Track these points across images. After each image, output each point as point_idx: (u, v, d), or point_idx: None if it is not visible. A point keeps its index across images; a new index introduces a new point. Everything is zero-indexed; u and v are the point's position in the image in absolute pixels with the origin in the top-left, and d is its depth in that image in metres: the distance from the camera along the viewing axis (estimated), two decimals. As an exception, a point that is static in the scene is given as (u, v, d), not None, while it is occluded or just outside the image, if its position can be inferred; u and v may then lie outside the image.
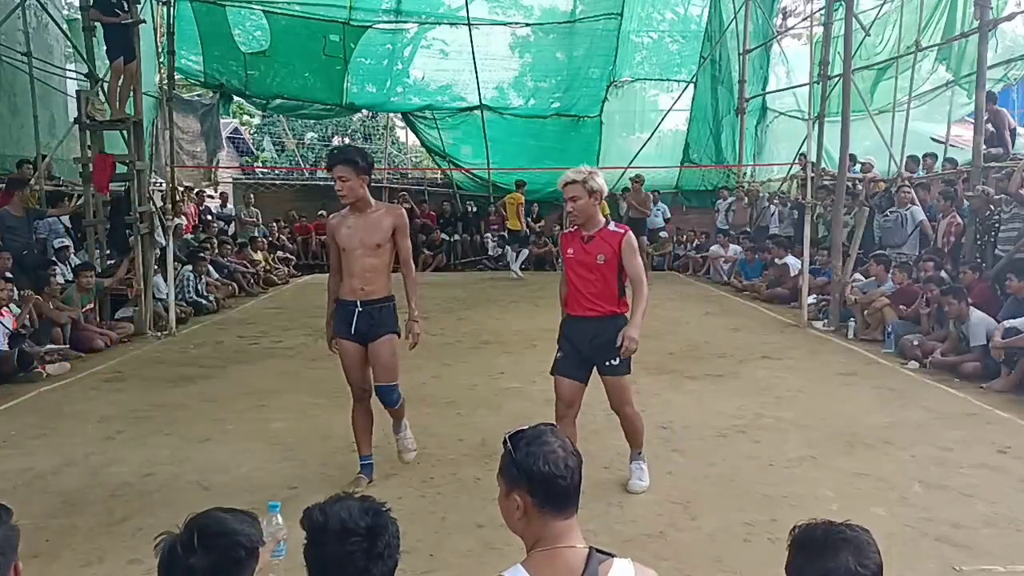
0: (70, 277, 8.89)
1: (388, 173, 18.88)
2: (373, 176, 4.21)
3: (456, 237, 16.56)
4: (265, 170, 21.28)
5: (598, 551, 1.64)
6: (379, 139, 23.33)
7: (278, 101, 17.27)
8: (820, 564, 1.60)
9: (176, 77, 14.57)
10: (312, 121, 22.10)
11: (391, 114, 19.01)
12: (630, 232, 4.03)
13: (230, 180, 19.00)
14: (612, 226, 4.03)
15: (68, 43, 11.71)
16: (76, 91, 9.90)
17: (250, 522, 1.66)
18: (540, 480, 1.62)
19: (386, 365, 4.18)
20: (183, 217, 13.31)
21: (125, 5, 8.83)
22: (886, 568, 1.60)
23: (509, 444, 1.68)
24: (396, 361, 4.22)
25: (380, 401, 4.28)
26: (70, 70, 12.98)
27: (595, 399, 6.13)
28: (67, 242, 9.81)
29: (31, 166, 10.34)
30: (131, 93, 9.03)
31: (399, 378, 4.28)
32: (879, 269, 8.77)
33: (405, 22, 16.78)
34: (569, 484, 1.64)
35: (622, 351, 3.89)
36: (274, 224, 15.98)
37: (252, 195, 16.56)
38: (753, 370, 7.04)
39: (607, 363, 4.03)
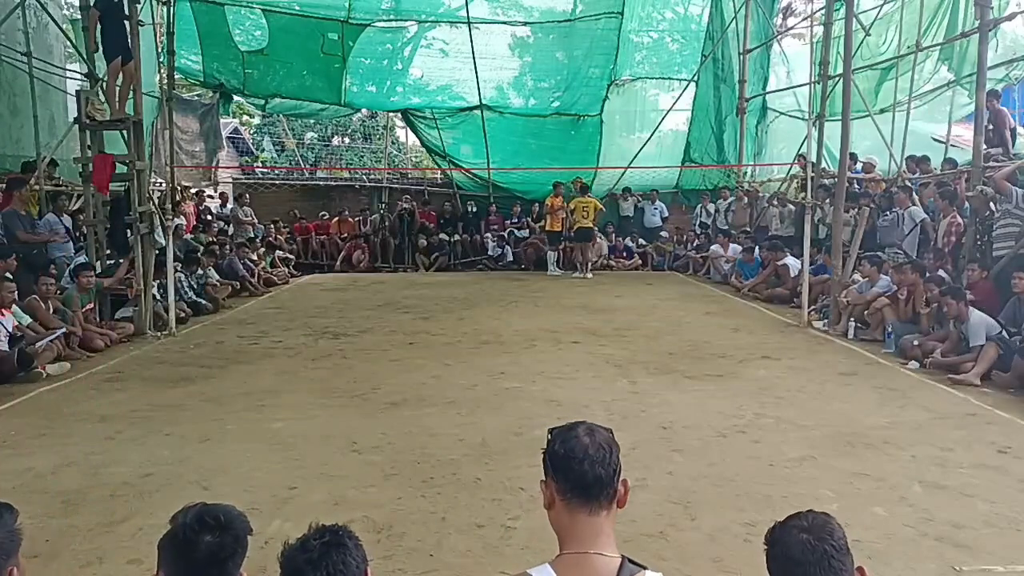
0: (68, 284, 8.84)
1: (388, 173, 18.92)
2: (373, 176, 3.51)
3: (456, 237, 16.57)
4: (265, 170, 21.26)
5: (631, 561, 1.63)
6: (379, 139, 23.33)
7: (277, 100, 17.26)
8: (780, 549, 1.62)
9: (176, 77, 14.63)
10: (312, 121, 22.07)
11: (391, 114, 19.01)
12: None
13: (230, 180, 18.99)
14: None
15: (68, 43, 11.71)
16: (76, 91, 9.88)
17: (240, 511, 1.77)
18: (558, 462, 1.66)
19: None
20: (183, 217, 13.33)
21: (125, 4, 8.85)
22: (886, 568, 1.61)
23: (549, 435, 1.74)
24: None
25: None
26: (70, 70, 12.98)
27: (592, 398, 6.17)
28: (81, 259, 9.33)
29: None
30: (131, 93, 9.03)
31: None
32: (871, 270, 8.80)
33: (405, 21, 16.79)
34: (587, 470, 1.63)
35: None
36: (272, 225, 15.96)
37: (247, 195, 16.53)
38: (753, 370, 7.03)
39: None
